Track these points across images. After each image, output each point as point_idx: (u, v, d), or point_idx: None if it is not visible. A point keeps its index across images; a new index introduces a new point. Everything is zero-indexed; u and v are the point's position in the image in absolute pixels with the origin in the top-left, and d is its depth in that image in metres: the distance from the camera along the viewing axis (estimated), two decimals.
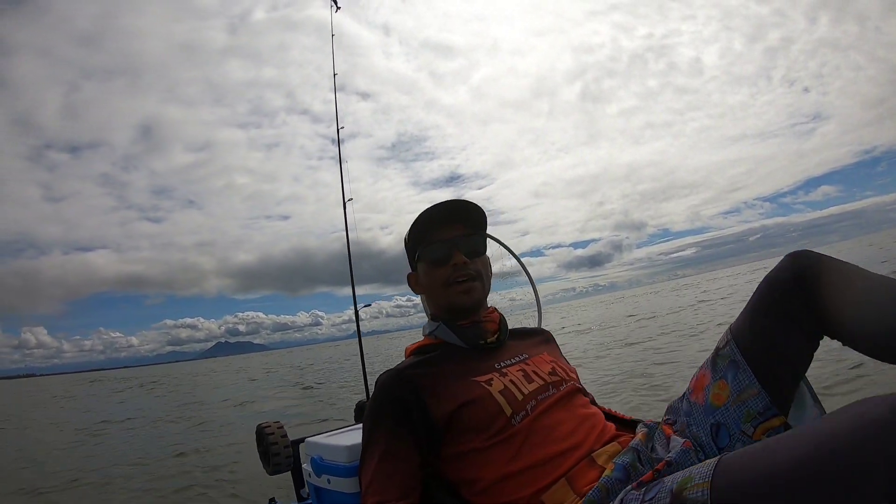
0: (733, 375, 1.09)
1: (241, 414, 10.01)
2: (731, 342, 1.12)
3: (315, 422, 7.09)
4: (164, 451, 6.69)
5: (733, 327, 1.14)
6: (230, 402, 12.38)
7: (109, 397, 20.29)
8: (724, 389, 1.10)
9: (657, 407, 4.28)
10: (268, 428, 1.90)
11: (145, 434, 8.71)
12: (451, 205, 1.33)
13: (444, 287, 1.31)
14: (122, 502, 4.63)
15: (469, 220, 1.36)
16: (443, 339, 1.33)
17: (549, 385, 1.23)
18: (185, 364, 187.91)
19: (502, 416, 1.13)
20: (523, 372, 1.24)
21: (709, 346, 1.09)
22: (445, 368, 1.24)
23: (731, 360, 1.10)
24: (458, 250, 1.30)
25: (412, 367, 1.25)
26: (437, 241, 1.32)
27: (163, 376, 33.62)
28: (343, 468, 1.48)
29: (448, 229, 1.33)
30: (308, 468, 1.64)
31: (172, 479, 5.12)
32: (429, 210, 1.32)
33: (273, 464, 1.85)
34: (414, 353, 1.36)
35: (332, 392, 11.55)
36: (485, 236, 1.41)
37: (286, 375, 20.58)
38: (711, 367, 1.14)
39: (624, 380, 6.40)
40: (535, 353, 1.35)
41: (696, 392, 1.16)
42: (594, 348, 10.96)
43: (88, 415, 13.53)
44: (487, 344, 1.30)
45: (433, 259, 1.32)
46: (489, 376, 1.21)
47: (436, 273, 1.32)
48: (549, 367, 1.30)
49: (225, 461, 5.50)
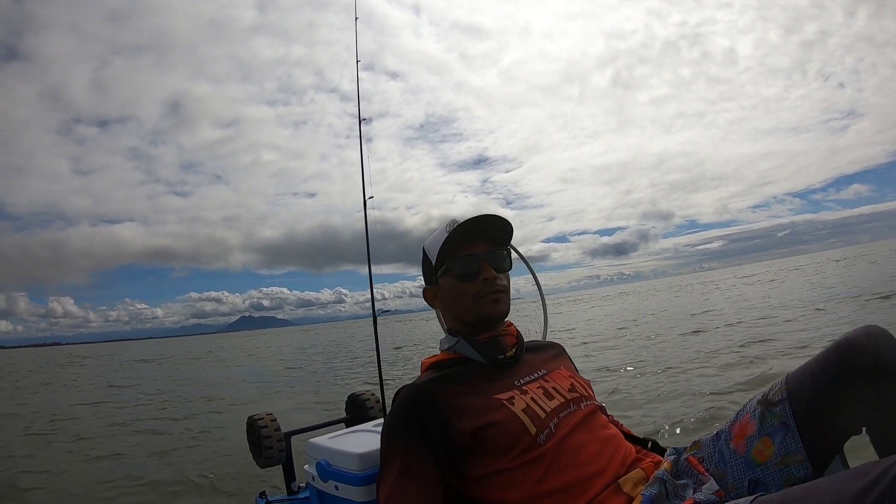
0: (781, 438, 1.06)
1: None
2: (785, 402, 1.08)
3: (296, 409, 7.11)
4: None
5: (790, 383, 1.10)
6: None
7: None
8: (768, 447, 1.07)
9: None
10: (260, 420, 1.88)
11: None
12: (482, 218, 1.33)
13: (472, 300, 1.31)
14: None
15: (497, 235, 1.36)
16: (461, 354, 1.34)
17: (570, 402, 1.23)
18: (208, 336, 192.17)
19: (527, 436, 1.13)
20: (543, 389, 1.25)
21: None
22: (466, 385, 1.24)
23: (781, 422, 1.07)
24: (487, 265, 1.31)
25: (432, 383, 1.25)
26: (467, 255, 1.32)
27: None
28: (354, 476, 1.42)
29: (477, 244, 1.33)
30: (311, 471, 1.58)
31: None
32: (459, 225, 1.32)
33: (265, 457, 1.84)
34: (431, 368, 1.37)
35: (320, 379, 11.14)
36: (508, 250, 1.41)
37: (284, 356, 20.11)
38: (759, 419, 1.11)
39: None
40: (552, 368, 1.35)
41: (738, 440, 1.13)
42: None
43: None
44: (506, 359, 1.30)
45: (462, 273, 1.32)
46: (510, 394, 1.21)
47: (464, 287, 1.32)
48: (567, 382, 1.30)
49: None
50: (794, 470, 1.03)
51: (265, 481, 3.40)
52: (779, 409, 1.08)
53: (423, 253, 1.41)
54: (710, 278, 57.00)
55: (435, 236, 1.37)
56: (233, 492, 3.82)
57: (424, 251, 1.41)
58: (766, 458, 1.06)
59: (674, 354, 7.70)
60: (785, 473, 1.04)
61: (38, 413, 8.88)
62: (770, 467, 1.05)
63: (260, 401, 8.37)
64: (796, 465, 1.03)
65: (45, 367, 27.09)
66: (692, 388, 5.21)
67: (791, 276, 29.81)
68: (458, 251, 1.32)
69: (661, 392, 5.28)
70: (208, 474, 4.27)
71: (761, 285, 25.65)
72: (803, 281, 23.15)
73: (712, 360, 6.60)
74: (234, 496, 3.72)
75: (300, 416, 6.15)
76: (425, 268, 1.42)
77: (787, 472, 1.03)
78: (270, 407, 2.59)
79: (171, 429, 6.55)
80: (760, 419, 1.10)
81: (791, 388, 1.09)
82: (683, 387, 5.35)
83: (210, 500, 3.78)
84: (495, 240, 1.36)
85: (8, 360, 46.14)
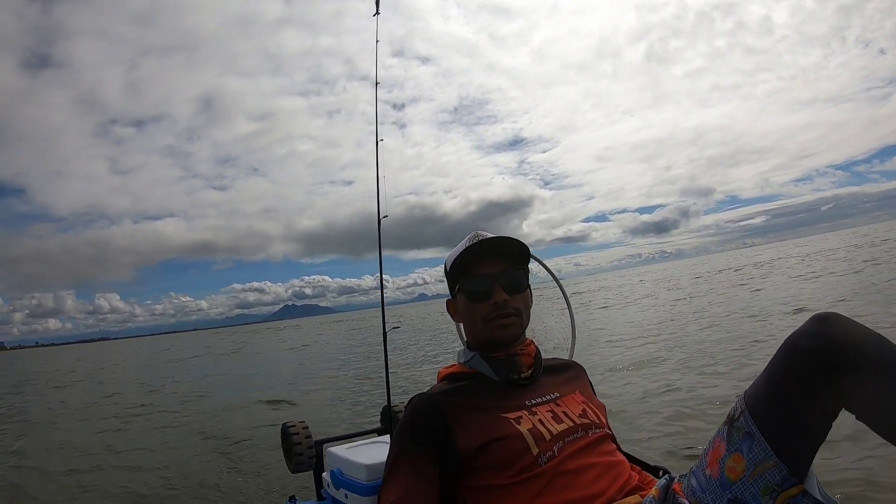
0: (748, 448, 1.03)
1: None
2: (745, 413, 1.05)
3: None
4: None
5: (748, 395, 1.08)
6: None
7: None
8: (739, 463, 1.04)
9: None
10: (292, 427, 1.96)
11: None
12: (494, 239, 1.32)
13: (482, 323, 1.30)
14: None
15: (511, 253, 1.34)
16: (477, 369, 1.33)
17: (578, 427, 1.22)
18: (253, 325, 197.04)
19: (528, 455, 1.13)
20: (553, 413, 1.24)
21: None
22: (476, 401, 1.24)
23: (745, 432, 1.04)
24: (499, 286, 1.29)
25: (444, 394, 1.26)
26: (479, 275, 1.30)
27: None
28: (361, 486, 1.47)
29: (490, 262, 1.31)
30: (327, 478, 1.65)
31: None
32: (471, 245, 1.31)
33: (295, 462, 1.92)
34: (446, 378, 1.37)
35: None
36: (527, 268, 1.38)
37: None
38: (727, 438, 1.08)
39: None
40: (566, 393, 1.33)
41: (712, 465, 1.10)
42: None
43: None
44: (521, 379, 1.29)
45: (473, 293, 1.31)
46: (518, 414, 1.21)
47: (475, 308, 1.31)
48: (579, 408, 1.28)
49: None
50: (769, 477, 0.99)
51: (302, 485, 3.53)
52: (741, 421, 1.05)
53: (445, 267, 1.40)
54: (768, 255, 50.89)
55: (457, 249, 1.36)
56: (267, 490, 4.03)
57: (445, 265, 1.39)
58: (740, 474, 1.03)
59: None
60: (761, 483, 1.00)
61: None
62: (745, 482, 1.02)
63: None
64: (770, 470, 0.99)
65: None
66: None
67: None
68: (472, 269, 1.31)
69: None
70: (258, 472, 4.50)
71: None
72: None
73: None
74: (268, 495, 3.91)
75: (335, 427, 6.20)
76: (446, 279, 1.40)
77: (763, 481, 1.00)
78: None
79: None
80: (728, 438, 1.07)
81: (749, 399, 1.07)
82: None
83: (244, 500, 3.98)
84: (512, 258, 1.33)
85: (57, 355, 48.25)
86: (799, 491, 0.97)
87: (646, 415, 4.63)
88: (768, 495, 0.98)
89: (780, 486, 0.98)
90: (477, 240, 1.31)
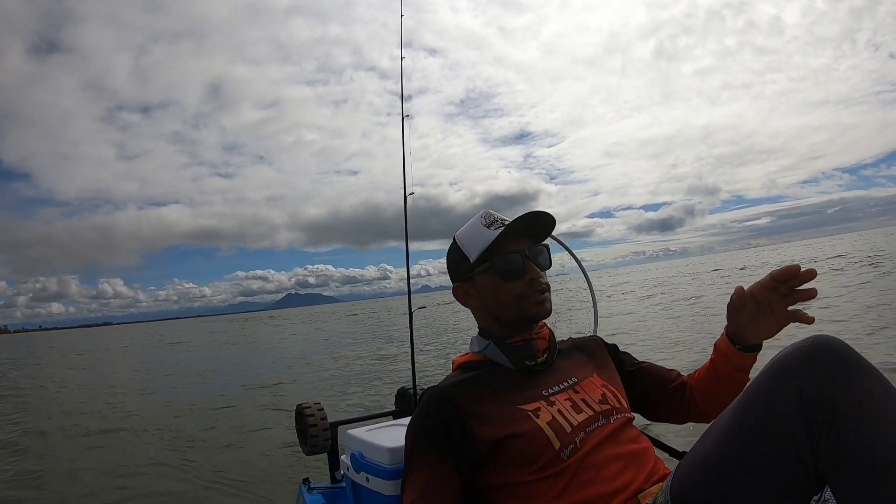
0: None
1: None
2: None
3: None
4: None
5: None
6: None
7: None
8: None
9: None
10: (308, 409, 1.93)
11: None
12: (528, 217, 1.25)
13: (517, 300, 1.24)
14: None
15: (537, 232, 1.30)
16: (491, 358, 1.28)
17: (599, 415, 1.17)
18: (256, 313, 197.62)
19: (550, 450, 1.09)
20: (571, 401, 1.18)
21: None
22: (491, 392, 1.19)
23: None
24: (532, 263, 1.25)
25: (458, 386, 1.21)
26: (512, 252, 1.24)
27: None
28: (384, 470, 1.45)
29: (517, 241, 1.26)
30: (347, 461, 1.62)
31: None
32: (505, 222, 1.26)
33: (310, 445, 1.89)
34: (460, 368, 1.32)
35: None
36: (548, 245, 1.34)
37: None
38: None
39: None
40: (584, 376, 1.27)
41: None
42: None
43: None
44: (536, 365, 1.24)
45: (508, 271, 1.24)
46: (536, 405, 1.16)
47: (508, 287, 1.24)
48: (599, 393, 1.23)
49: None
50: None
51: (312, 468, 3.53)
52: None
53: (456, 245, 1.32)
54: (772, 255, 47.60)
55: (470, 230, 1.29)
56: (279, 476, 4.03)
57: (457, 243, 1.31)
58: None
59: None
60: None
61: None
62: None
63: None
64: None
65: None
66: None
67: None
68: (502, 247, 1.25)
69: None
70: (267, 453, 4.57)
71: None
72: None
73: None
74: (279, 485, 3.89)
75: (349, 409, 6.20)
76: (458, 261, 1.31)
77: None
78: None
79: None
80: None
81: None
82: None
83: (258, 483, 3.96)
84: (535, 235, 1.30)
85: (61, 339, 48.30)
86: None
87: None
88: None
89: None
90: (494, 219, 1.27)
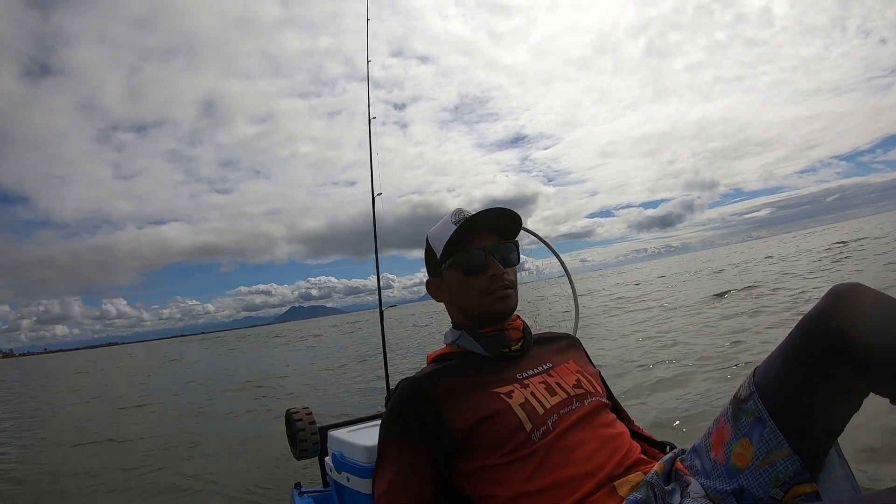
0: (759, 435, 0.95)
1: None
2: (755, 395, 0.98)
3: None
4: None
5: (758, 376, 1.00)
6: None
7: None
8: (747, 450, 0.97)
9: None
10: (296, 413, 1.95)
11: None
12: (488, 211, 1.27)
13: (480, 296, 1.26)
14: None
15: (505, 228, 1.31)
16: (465, 347, 1.29)
17: (573, 399, 1.17)
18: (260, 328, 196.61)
19: (522, 432, 1.08)
20: (545, 384, 1.18)
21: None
22: (465, 379, 1.19)
23: (756, 418, 0.96)
24: (495, 259, 1.26)
25: (431, 377, 1.21)
26: (475, 248, 1.26)
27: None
28: (362, 468, 1.46)
29: (484, 236, 1.28)
30: (330, 462, 1.63)
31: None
32: (467, 217, 1.27)
33: (300, 449, 1.91)
34: (435, 361, 1.32)
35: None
36: (517, 242, 1.35)
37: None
38: (733, 421, 1.01)
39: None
40: (559, 362, 1.28)
41: (717, 447, 1.04)
42: None
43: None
44: (511, 353, 1.25)
45: (469, 266, 1.26)
46: (510, 388, 1.16)
47: (471, 282, 1.26)
48: (573, 377, 1.24)
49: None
50: (781, 467, 0.93)
51: (304, 473, 3.53)
52: (749, 404, 0.98)
53: (427, 242, 1.35)
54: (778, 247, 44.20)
55: (440, 226, 1.32)
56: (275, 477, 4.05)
57: (428, 241, 1.35)
58: (748, 462, 0.96)
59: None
60: (771, 473, 0.93)
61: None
62: (753, 471, 0.95)
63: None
64: (782, 461, 0.93)
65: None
66: None
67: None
68: (466, 244, 1.27)
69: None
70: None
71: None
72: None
73: None
74: (272, 489, 3.90)
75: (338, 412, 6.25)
76: (429, 258, 1.35)
77: (774, 471, 0.93)
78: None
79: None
80: (734, 420, 1.01)
81: (759, 380, 0.99)
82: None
83: (251, 489, 3.97)
84: (504, 232, 1.31)
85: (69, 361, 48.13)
86: (812, 490, 0.91)
87: None
88: (779, 487, 0.92)
89: (792, 479, 0.91)
90: (463, 216, 1.27)
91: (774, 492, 0.92)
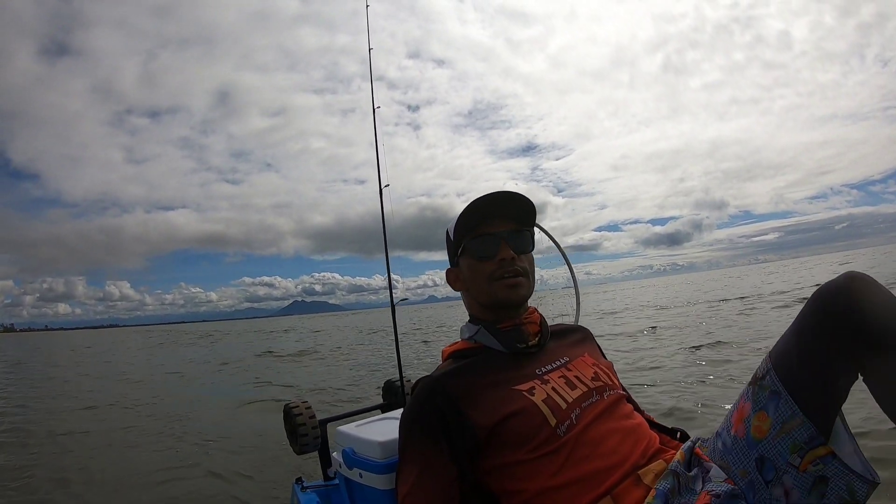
0: (775, 406, 1.01)
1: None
2: (770, 371, 1.03)
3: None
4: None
5: (773, 354, 1.05)
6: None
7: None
8: (764, 421, 1.02)
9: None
10: (295, 408, 1.95)
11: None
12: (501, 196, 1.27)
13: (488, 282, 1.26)
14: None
15: (519, 214, 1.30)
16: (482, 343, 1.29)
17: (593, 391, 1.19)
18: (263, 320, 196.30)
19: (547, 427, 1.10)
20: (565, 378, 1.20)
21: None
22: (484, 377, 1.19)
23: (771, 391, 1.02)
24: (506, 244, 1.26)
25: (450, 376, 1.20)
26: (485, 233, 1.27)
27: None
28: (377, 464, 1.43)
29: (497, 222, 1.28)
30: (339, 458, 1.60)
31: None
32: (477, 200, 1.27)
33: (300, 444, 1.90)
34: (451, 357, 1.32)
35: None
36: (533, 230, 1.35)
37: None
38: (752, 398, 1.06)
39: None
40: (575, 356, 1.29)
41: (737, 425, 1.08)
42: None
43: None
44: (528, 348, 1.25)
45: (479, 252, 1.27)
46: (530, 384, 1.17)
47: (480, 267, 1.27)
48: (591, 371, 1.25)
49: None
50: (796, 435, 0.97)
51: (303, 467, 3.47)
52: (766, 380, 1.03)
53: (447, 234, 1.36)
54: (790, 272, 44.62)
55: (458, 216, 1.32)
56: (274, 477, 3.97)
57: (448, 231, 1.36)
58: (766, 433, 1.01)
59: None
60: (788, 441, 0.98)
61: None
62: (771, 440, 1.00)
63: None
64: (797, 428, 0.97)
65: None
66: None
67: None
68: (477, 230, 1.27)
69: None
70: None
71: None
72: None
73: None
74: (274, 482, 3.83)
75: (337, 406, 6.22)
76: (448, 246, 1.37)
77: (791, 439, 0.98)
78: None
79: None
80: (753, 398, 1.05)
81: (775, 358, 1.04)
82: None
83: (251, 484, 3.91)
84: (519, 219, 1.30)
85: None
86: (827, 452, 0.96)
87: None
88: (796, 453, 0.97)
89: (807, 444, 0.96)
90: (480, 196, 1.27)
91: (792, 458, 0.97)
